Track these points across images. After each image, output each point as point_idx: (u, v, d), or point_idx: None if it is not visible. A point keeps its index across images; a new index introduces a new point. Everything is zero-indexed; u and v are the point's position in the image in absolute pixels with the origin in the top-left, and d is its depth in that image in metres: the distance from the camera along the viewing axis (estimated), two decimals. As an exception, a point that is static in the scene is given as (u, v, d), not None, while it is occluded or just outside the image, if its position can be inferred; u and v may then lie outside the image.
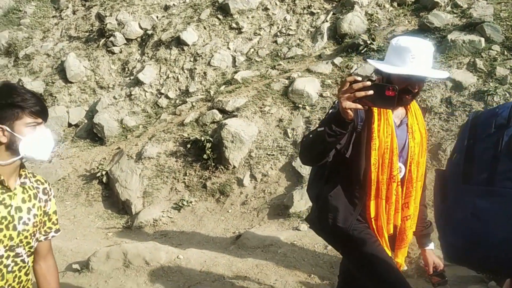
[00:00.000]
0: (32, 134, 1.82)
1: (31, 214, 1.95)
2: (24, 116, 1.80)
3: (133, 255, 4.55)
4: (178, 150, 6.63)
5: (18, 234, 1.89)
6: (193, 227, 5.65)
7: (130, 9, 9.66)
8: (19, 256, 1.93)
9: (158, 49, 8.68)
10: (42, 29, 10.75)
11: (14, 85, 1.91)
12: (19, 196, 1.92)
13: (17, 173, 1.94)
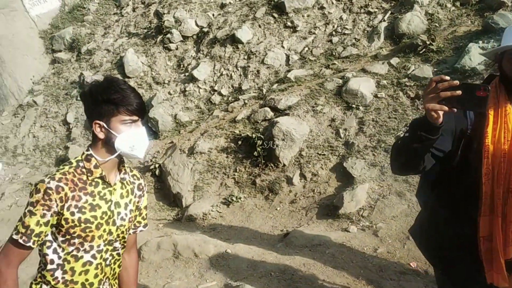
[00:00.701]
0: (127, 132, 1.82)
1: (127, 209, 1.98)
2: (120, 113, 1.80)
3: (182, 247, 4.64)
4: (229, 146, 6.69)
5: (116, 229, 1.93)
6: (241, 223, 5.69)
7: (187, 6, 9.85)
8: (116, 250, 1.98)
9: (213, 47, 8.80)
10: (103, 25, 11.16)
11: (115, 81, 1.85)
12: (118, 192, 1.95)
13: (117, 169, 1.96)
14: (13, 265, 1.79)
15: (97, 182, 1.88)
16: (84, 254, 1.86)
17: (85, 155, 1.89)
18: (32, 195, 1.76)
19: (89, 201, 1.83)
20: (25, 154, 9.32)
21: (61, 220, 1.79)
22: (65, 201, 1.78)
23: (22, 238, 1.73)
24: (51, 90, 10.24)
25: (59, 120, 9.55)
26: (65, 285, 1.85)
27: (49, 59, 11.20)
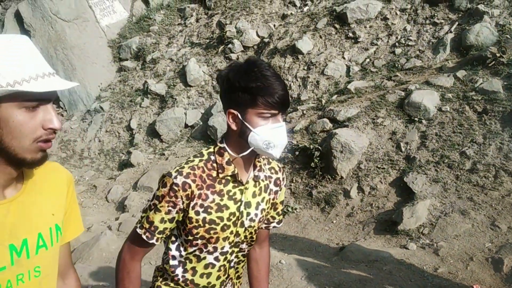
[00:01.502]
0: (264, 126, 1.57)
1: (258, 209, 1.78)
2: (258, 104, 1.55)
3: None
4: (286, 157, 6.68)
5: (244, 230, 1.75)
6: (296, 234, 5.64)
7: (249, 17, 10.00)
8: (242, 251, 1.83)
9: (273, 57, 8.86)
10: (168, 35, 11.55)
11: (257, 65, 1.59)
12: (250, 190, 1.75)
13: (251, 165, 1.74)
14: (137, 258, 1.72)
15: (228, 180, 1.69)
16: (207, 255, 1.73)
17: (218, 148, 1.70)
18: (158, 188, 1.66)
19: (216, 201, 1.67)
20: (90, 157, 9.77)
21: (186, 218, 1.67)
22: (191, 199, 1.64)
23: (145, 234, 1.65)
24: (117, 97, 10.69)
25: (123, 126, 9.94)
26: (185, 284, 1.76)
27: (116, 67, 11.72)
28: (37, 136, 1.13)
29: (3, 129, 1.10)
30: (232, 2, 10.69)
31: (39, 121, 1.13)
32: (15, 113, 1.10)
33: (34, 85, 1.08)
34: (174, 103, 9.50)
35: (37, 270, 1.28)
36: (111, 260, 5.36)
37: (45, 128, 1.14)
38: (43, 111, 1.14)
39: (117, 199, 7.77)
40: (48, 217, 1.32)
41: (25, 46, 1.13)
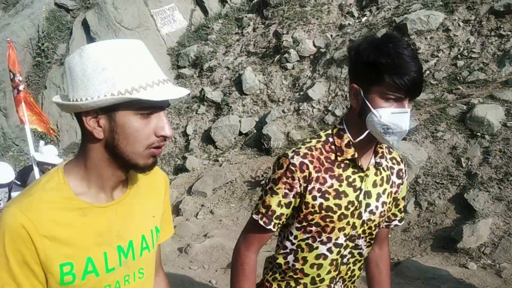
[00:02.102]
0: (386, 109, 1.42)
1: (379, 202, 1.64)
2: (384, 83, 1.40)
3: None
4: (341, 168, 6.62)
5: (362, 223, 1.63)
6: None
7: (306, 27, 10.03)
8: (358, 248, 1.69)
9: (329, 67, 8.84)
10: (225, 44, 11.77)
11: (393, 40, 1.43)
12: (371, 179, 1.62)
13: (372, 150, 1.61)
14: (253, 248, 1.65)
15: (347, 165, 1.57)
16: (320, 245, 1.61)
17: (336, 130, 1.59)
18: (274, 170, 1.59)
19: (335, 186, 1.55)
20: (147, 161, 10.08)
21: (302, 203, 1.56)
22: (308, 182, 1.53)
23: (262, 219, 1.58)
24: (174, 103, 10.99)
25: (179, 132, 10.20)
26: (295, 273, 1.68)
27: (174, 74, 12.06)
28: (150, 142, 1.15)
29: (119, 135, 1.12)
30: (289, 12, 10.76)
31: (152, 128, 1.14)
32: (131, 119, 1.11)
33: (151, 93, 1.09)
34: (229, 110, 9.66)
35: (141, 271, 1.31)
36: (166, 262, 5.50)
37: (157, 135, 1.15)
38: (156, 118, 1.15)
39: (172, 202, 7.97)
40: (150, 219, 1.34)
41: (141, 52, 1.15)
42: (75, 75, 1.11)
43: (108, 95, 1.07)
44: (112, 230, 1.21)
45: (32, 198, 1.10)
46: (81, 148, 1.20)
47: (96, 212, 1.18)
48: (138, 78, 1.09)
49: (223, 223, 6.76)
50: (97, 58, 1.09)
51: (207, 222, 6.93)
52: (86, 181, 1.18)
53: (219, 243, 5.71)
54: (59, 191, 1.14)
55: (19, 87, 5.80)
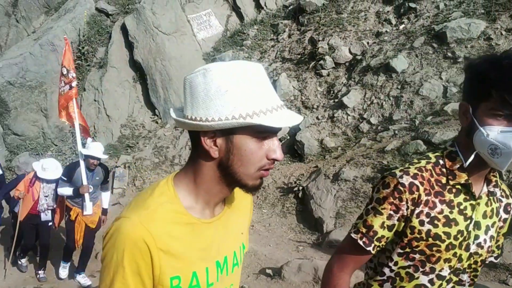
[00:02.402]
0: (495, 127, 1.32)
1: (488, 235, 1.52)
2: (493, 99, 1.31)
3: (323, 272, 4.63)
4: (376, 177, 6.54)
5: (469, 256, 1.51)
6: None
7: (342, 34, 9.98)
8: (461, 284, 1.55)
9: (365, 75, 8.76)
10: (260, 50, 11.83)
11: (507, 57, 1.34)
12: (481, 208, 1.50)
13: (484, 177, 1.50)
14: (347, 270, 1.57)
15: (459, 190, 1.47)
16: (422, 275, 1.50)
17: (447, 152, 1.50)
18: (378, 189, 1.51)
19: (445, 213, 1.45)
20: (181, 164, 10.20)
21: (406, 227, 1.47)
22: (416, 205, 1.44)
23: (362, 239, 1.49)
24: (208, 107, 11.11)
25: (213, 136, 10.29)
26: None
27: (209, 79, 12.18)
28: (262, 165, 1.15)
29: (234, 156, 1.13)
30: (325, 18, 10.73)
31: (264, 151, 1.15)
32: (247, 142, 1.12)
33: (271, 118, 1.09)
34: (263, 116, 9.68)
35: (231, 287, 1.33)
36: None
37: (269, 157, 1.15)
38: (269, 142, 1.15)
39: (205, 206, 8.04)
40: (239, 235, 1.36)
41: (262, 76, 1.15)
42: (196, 94, 1.13)
43: (230, 118, 1.09)
44: (213, 245, 1.23)
45: (151, 211, 1.13)
46: (191, 163, 1.22)
47: (202, 227, 1.21)
48: (259, 103, 1.10)
49: (255, 228, 6.78)
50: (221, 79, 1.10)
51: (239, 227, 6.96)
52: (194, 196, 1.20)
53: (251, 248, 5.72)
54: (172, 205, 1.17)
55: (72, 83, 5.98)
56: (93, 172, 5.74)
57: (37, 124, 11.98)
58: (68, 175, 5.65)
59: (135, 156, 10.52)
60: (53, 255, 6.59)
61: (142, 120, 12.09)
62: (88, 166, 5.63)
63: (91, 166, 5.64)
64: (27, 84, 11.87)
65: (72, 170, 5.69)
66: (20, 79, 11.77)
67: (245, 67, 1.13)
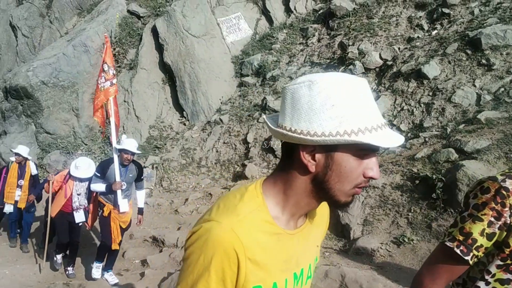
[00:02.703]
0: None
1: None
2: None
3: (350, 280, 4.58)
4: (405, 185, 6.44)
5: None
6: (412, 266, 5.39)
7: (373, 39, 9.88)
8: None
9: (395, 81, 8.65)
10: (288, 54, 11.82)
11: None
12: None
13: None
14: (440, 281, 1.48)
15: None
16: None
17: None
18: (475, 195, 1.45)
19: None
20: (207, 166, 10.27)
21: (509, 237, 1.38)
22: None
23: (459, 247, 1.40)
24: (236, 110, 11.15)
25: (240, 139, 10.32)
26: None
27: (237, 82, 12.24)
28: (358, 182, 1.12)
29: (333, 172, 1.10)
30: (356, 23, 10.65)
31: (362, 169, 1.11)
32: (349, 159, 1.09)
33: (376, 137, 1.06)
34: (290, 120, 9.64)
35: None
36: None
37: (366, 176, 1.12)
38: (368, 160, 1.11)
39: (231, 209, 8.05)
40: (314, 248, 1.35)
41: (367, 92, 1.10)
42: (299, 106, 1.09)
43: (334, 133, 1.05)
44: (293, 257, 1.22)
45: (241, 218, 1.11)
46: (282, 173, 1.18)
47: (286, 238, 1.19)
48: (364, 120, 1.07)
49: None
50: (328, 93, 1.06)
51: (265, 230, 6.95)
52: (281, 206, 1.18)
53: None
54: (261, 213, 1.15)
55: (113, 80, 6.03)
56: (126, 168, 5.67)
57: (68, 123, 12.24)
58: (102, 171, 5.60)
59: (163, 157, 10.63)
60: (81, 252, 6.71)
61: (170, 122, 12.21)
62: (122, 161, 5.57)
63: (125, 162, 5.57)
64: (59, 84, 12.14)
65: (106, 166, 5.63)
66: (53, 79, 12.05)
67: (352, 81, 1.08)
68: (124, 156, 5.51)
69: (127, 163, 5.59)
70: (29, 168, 7.68)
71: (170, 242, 7.00)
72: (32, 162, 7.89)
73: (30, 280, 6.08)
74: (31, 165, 7.77)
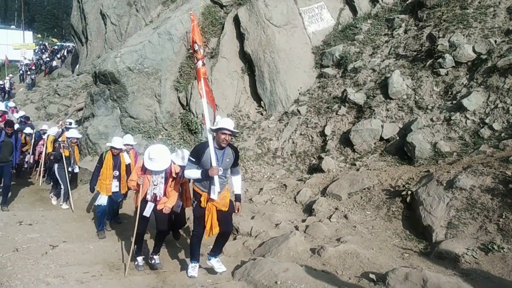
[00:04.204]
0: None
1: None
2: None
3: (433, 285, 4.29)
4: (496, 188, 5.95)
5: None
6: (502, 276, 4.95)
7: (466, 31, 9.24)
8: None
9: (490, 76, 8.02)
10: (372, 45, 11.38)
11: None
12: None
13: None
14: None
15: None
16: None
17: None
18: None
19: None
20: (283, 157, 10.18)
21: None
22: None
23: None
24: (314, 102, 10.94)
25: (317, 131, 10.12)
26: None
27: (317, 73, 12.01)
28: None
29: None
30: (448, 14, 10.01)
31: None
32: None
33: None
34: (371, 114, 9.31)
35: None
36: (298, 260, 5.45)
37: None
38: None
39: (305, 201, 7.92)
40: None
41: None
42: None
43: None
44: None
45: None
46: None
47: None
48: None
49: (358, 229, 6.51)
50: None
51: (340, 226, 6.74)
52: None
53: (353, 250, 5.49)
54: None
55: (203, 59, 5.66)
56: (223, 152, 5.08)
57: (151, 108, 12.68)
58: (197, 156, 5.06)
59: (239, 146, 10.69)
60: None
61: (248, 111, 12.26)
62: (219, 143, 5.00)
63: (223, 143, 4.98)
64: (144, 70, 12.59)
65: (202, 150, 5.06)
66: (138, 66, 12.52)
67: None
68: (222, 137, 4.94)
69: (225, 144, 5.02)
70: (123, 158, 7.65)
71: (244, 231, 7.01)
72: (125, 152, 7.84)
73: (112, 256, 6.35)
74: (125, 155, 7.74)
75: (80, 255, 6.23)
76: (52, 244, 6.59)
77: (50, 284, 4.81)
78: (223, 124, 4.93)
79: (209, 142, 5.02)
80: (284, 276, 4.67)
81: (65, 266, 5.70)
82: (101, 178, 7.51)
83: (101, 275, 5.37)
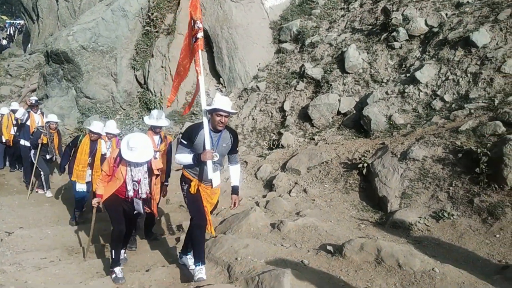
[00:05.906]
0: None
1: None
2: None
3: (386, 254, 4.47)
4: (447, 158, 6.19)
5: None
6: (451, 242, 5.22)
7: (418, 5, 9.41)
8: None
9: (441, 48, 8.23)
10: (329, 19, 11.45)
11: None
12: None
13: None
14: None
15: None
16: None
17: None
18: None
19: None
20: (243, 133, 10.21)
21: None
22: None
23: None
24: (273, 78, 10.97)
25: (276, 107, 10.19)
26: None
27: (275, 49, 12.00)
28: None
29: None
30: (401, -13, 10.15)
31: None
32: None
33: None
34: (329, 88, 9.43)
35: None
36: (258, 235, 5.55)
37: None
38: None
39: (266, 177, 8.02)
40: None
41: None
42: None
43: None
44: None
45: None
46: None
47: None
48: None
49: (316, 203, 6.67)
50: None
51: (300, 200, 6.88)
52: None
53: (312, 223, 5.63)
54: None
55: (197, 34, 4.79)
56: (219, 135, 4.44)
57: (107, 88, 12.39)
58: (189, 138, 4.45)
59: (199, 124, 10.63)
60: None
61: (207, 88, 12.17)
62: (214, 125, 4.34)
63: (219, 125, 4.33)
64: (99, 49, 12.24)
65: (195, 132, 4.44)
66: (92, 44, 12.15)
67: None
68: (217, 118, 4.29)
69: (221, 127, 4.36)
70: (100, 147, 6.92)
71: (205, 208, 7.05)
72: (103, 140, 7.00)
73: (70, 240, 6.27)
74: (103, 144, 6.98)
75: (37, 241, 6.12)
76: (8, 230, 6.44)
77: (6, 272, 4.72)
78: (218, 104, 4.28)
79: (204, 124, 4.38)
80: (244, 252, 4.76)
81: (21, 252, 5.60)
82: (75, 163, 6.88)
83: (60, 260, 5.31)
